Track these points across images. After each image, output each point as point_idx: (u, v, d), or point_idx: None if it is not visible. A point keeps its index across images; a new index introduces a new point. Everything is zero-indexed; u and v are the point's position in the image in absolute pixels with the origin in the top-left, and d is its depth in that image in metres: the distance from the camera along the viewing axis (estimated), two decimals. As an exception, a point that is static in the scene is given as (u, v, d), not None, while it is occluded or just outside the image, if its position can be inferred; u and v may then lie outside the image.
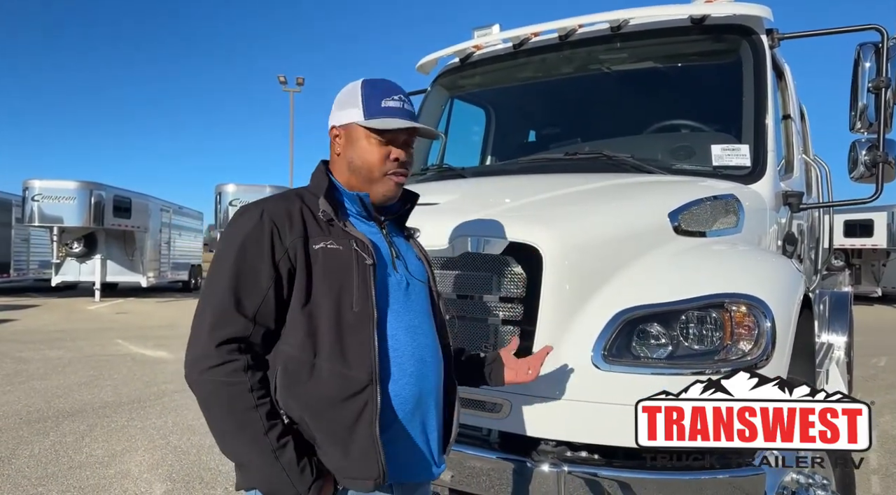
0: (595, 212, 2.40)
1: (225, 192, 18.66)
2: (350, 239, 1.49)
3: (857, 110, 3.11)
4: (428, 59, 4.20)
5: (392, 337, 1.50)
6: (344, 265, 1.46)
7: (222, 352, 1.36)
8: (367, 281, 1.45)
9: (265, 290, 1.42)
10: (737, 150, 3.00)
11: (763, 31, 3.24)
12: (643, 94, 3.71)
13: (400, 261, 1.60)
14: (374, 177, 1.57)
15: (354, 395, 1.40)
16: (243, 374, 1.36)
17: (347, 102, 1.58)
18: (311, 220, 1.49)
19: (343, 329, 1.43)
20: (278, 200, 1.54)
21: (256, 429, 1.35)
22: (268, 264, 1.42)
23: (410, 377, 1.51)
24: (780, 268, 2.40)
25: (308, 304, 1.43)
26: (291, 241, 1.44)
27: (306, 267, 1.44)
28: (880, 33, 3.00)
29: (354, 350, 1.42)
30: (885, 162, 3.00)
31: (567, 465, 2.02)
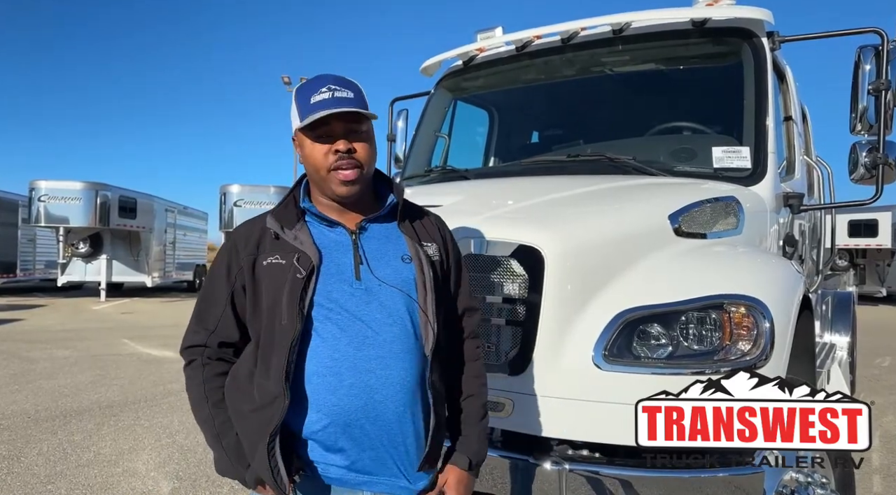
0: (596, 214, 2.44)
1: (230, 193, 18.77)
2: (296, 252, 1.52)
3: (858, 112, 3.13)
4: (431, 62, 4.23)
5: (332, 347, 1.47)
6: (281, 279, 1.50)
7: (186, 355, 1.63)
8: (295, 295, 1.46)
9: (223, 306, 1.59)
10: (737, 152, 3.03)
11: (764, 33, 3.26)
12: (645, 97, 3.74)
13: (364, 267, 1.53)
14: (322, 176, 1.55)
15: (266, 406, 1.47)
16: (199, 369, 1.59)
17: (292, 112, 1.58)
18: (268, 238, 1.58)
19: (272, 342, 1.49)
20: (253, 219, 1.67)
21: (205, 415, 1.58)
22: (223, 282, 1.59)
23: (351, 388, 1.46)
24: (779, 270, 2.43)
25: (255, 319, 1.55)
26: (244, 259, 1.56)
27: (253, 283, 1.55)
28: (880, 36, 3.02)
29: (275, 362, 1.47)
30: (886, 164, 3.02)
31: (569, 463, 2.05)
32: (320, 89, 1.52)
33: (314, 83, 1.55)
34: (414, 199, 1.84)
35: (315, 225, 1.60)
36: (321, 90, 1.52)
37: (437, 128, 4.25)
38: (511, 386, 2.15)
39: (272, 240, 1.56)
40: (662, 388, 1.85)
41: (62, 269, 19.88)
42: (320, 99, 1.51)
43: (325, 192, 1.59)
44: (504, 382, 2.15)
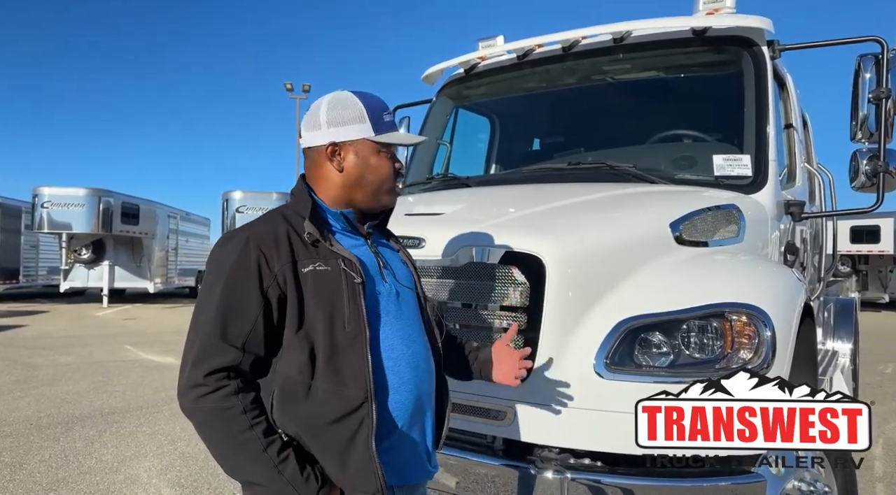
0: (597, 222, 2.45)
1: (232, 199, 18.84)
2: (338, 258, 1.50)
3: (858, 120, 3.14)
4: (433, 70, 4.25)
5: (389, 348, 1.53)
6: (333, 286, 1.47)
7: (211, 381, 1.38)
8: (356, 299, 1.47)
9: (254, 320, 1.43)
10: (738, 160, 3.04)
11: (764, 42, 3.28)
12: (645, 105, 3.76)
13: (388, 271, 1.62)
14: (384, 190, 1.61)
15: (351, 413, 1.44)
16: (235, 398, 1.38)
17: (348, 117, 1.56)
18: (297, 242, 1.50)
19: (337, 349, 1.45)
20: (263, 225, 1.54)
21: (255, 448, 1.38)
22: (256, 293, 1.43)
23: (409, 384, 1.55)
24: (780, 278, 2.43)
25: (302, 328, 1.45)
26: (280, 267, 1.45)
27: (297, 291, 1.45)
28: (880, 45, 3.03)
29: (349, 368, 1.45)
30: (886, 171, 3.03)
31: (570, 472, 2.06)
32: (388, 110, 1.62)
33: (379, 102, 1.61)
34: (415, 208, 1.87)
35: (338, 231, 1.59)
36: (389, 111, 1.62)
37: (438, 135, 4.27)
38: (512, 394, 2.15)
39: (304, 246, 1.50)
40: (664, 397, 1.86)
41: (65, 275, 19.93)
42: (392, 120, 1.62)
43: (366, 203, 1.61)
44: (505, 391, 2.15)
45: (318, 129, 1.57)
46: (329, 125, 1.56)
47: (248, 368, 1.44)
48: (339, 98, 1.59)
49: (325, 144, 1.56)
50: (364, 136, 1.56)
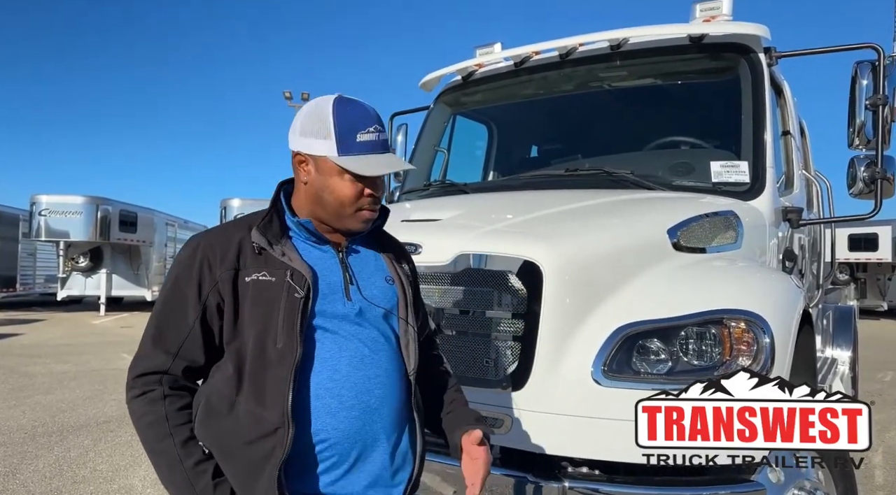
0: (595, 229, 2.43)
1: (230, 207, 18.78)
2: (287, 269, 1.40)
3: (855, 127, 3.14)
4: (431, 77, 4.26)
5: (332, 369, 1.41)
6: (272, 298, 1.38)
7: (139, 384, 1.39)
8: (293, 315, 1.37)
9: (190, 325, 1.39)
10: (736, 167, 3.03)
11: (761, 49, 3.28)
12: (643, 111, 3.76)
13: (354, 287, 1.49)
14: (345, 214, 1.47)
15: (264, 437, 1.34)
16: (160, 403, 1.37)
17: (315, 130, 1.44)
18: (249, 251, 1.42)
19: (265, 366, 1.37)
20: (219, 231, 1.49)
21: (172, 457, 1.36)
22: (195, 298, 1.39)
23: (352, 409, 1.41)
24: (779, 284, 2.42)
25: (235, 339, 1.40)
26: (221, 274, 1.39)
27: (234, 301, 1.40)
28: (877, 52, 3.04)
29: (272, 389, 1.35)
30: (884, 178, 3.03)
31: (568, 481, 2.03)
32: (367, 127, 1.44)
33: (357, 115, 1.45)
34: (412, 214, 1.83)
35: (301, 241, 1.50)
36: (368, 129, 1.44)
37: (436, 142, 4.27)
38: (509, 402, 2.13)
39: (254, 254, 1.42)
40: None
41: (62, 284, 19.84)
42: (369, 139, 1.44)
43: (330, 222, 1.49)
44: (502, 398, 2.14)
45: (294, 134, 1.49)
46: (300, 132, 1.47)
47: (180, 374, 1.40)
48: (318, 105, 1.47)
49: (295, 152, 1.49)
50: (326, 154, 1.43)
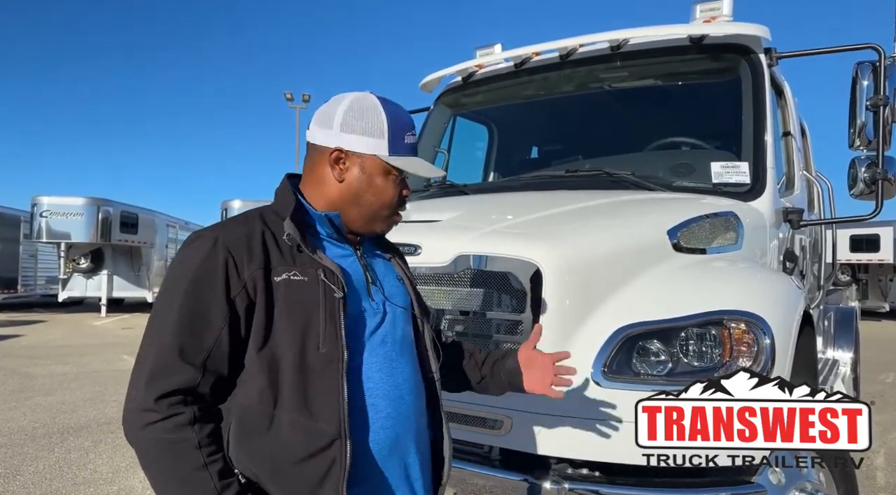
0: (594, 229, 2.43)
1: (231, 208, 18.74)
2: (318, 267, 1.31)
3: (856, 127, 3.13)
4: (431, 78, 4.25)
5: (366, 378, 1.34)
6: (309, 299, 1.28)
7: (164, 406, 1.18)
8: (335, 316, 1.28)
9: (217, 333, 1.23)
10: (736, 168, 3.02)
11: (761, 49, 3.27)
12: (643, 112, 3.75)
13: (376, 288, 1.43)
14: (381, 216, 1.44)
15: (320, 452, 1.24)
16: (189, 429, 1.18)
17: (364, 127, 1.38)
18: (273, 247, 1.31)
19: (307, 374, 1.25)
20: (236, 225, 1.35)
21: (207, 491, 1.18)
22: (221, 302, 1.24)
23: (387, 419, 1.35)
24: (779, 285, 2.41)
25: (267, 346, 1.26)
26: (251, 273, 1.26)
27: (266, 302, 1.26)
28: (877, 52, 3.03)
29: (321, 398, 1.25)
30: (885, 179, 3.02)
31: (568, 483, 2.03)
32: (411, 130, 1.44)
33: (405, 119, 1.43)
34: (412, 215, 1.82)
35: (323, 238, 1.41)
36: (412, 132, 1.44)
37: (436, 143, 4.26)
38: (509, 403, 2.12)
39: (280, 251, 1.31)
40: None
41: (63, 285, 19.85)
42: (413, 143, 1.43)
43: (357, 224, 1.43)
44: (502, 399, 2.11)
45: (329, 129, 1.40)
46: (342, 128, 1.39)
47: (208, 391, 1.24)
48: (362, 101, 1.41)
49: (330, 148, 1.39)
50: (376, 153, 1.38)
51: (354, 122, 1.38)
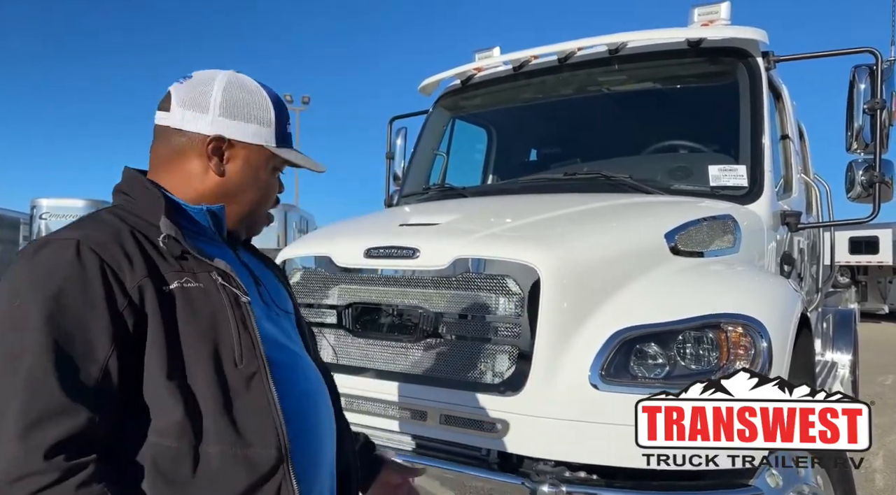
0: (592, 233, 2.44)
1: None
2: (210, 271, 1.11)
3: (854, 131, 3.14)
4: (430, 81, 4.26)
5: (288, 387, 1.14)
6: (213, 308, 1.08)
7: (55, 464, 0.90)
8: (247, 324, 1.10)
9: (105, 358, 0.98)
10: (734, 171, 3.03)
11: (759, 53, 3.28)
12: (641, 115, 3.76)
13: (263, 289, 1.26)
14: (260, 214, 1.30)
15: (264, 482, 1.06)
16: (97, 487, 0.92)
17: (254, 114, 1.21)
18: (151, 251, 1.07)
19: (229, 395, 1.06)
20: (96, 226, 1.09)
21: None
22: (104, 318, 0.98)
23: (314, 429, 1.21)
24: (776, 288, 2.42)
25: (174, 370, 1.02)
26: (136, 283, 1.02)
27: (163, 317, 1.03)
28: (874, 56, 3.04)
29: (252, 420, 1.06)
30: (882, 182, 3.03)
31: (566, 486, 2.02)
32: (289, 119, 1.30)
33: (281, 102, 1.29)
34: (410, 218, 1.82)
35: (199, 238, 1.17)
36: (289, 121, 1.30)
37: (435, 146, 4.27)
38: (507, 406, 2.12)
39: (160, 255, 1.08)
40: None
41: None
42: (291, 133, 1.31)
43: (236, 224, 1.26)
44: (499, 403, 2.13)
45: (205, 112, 1.18)
46: (223, 112, 1.18)
47: (104, 433, 0.97)
48: (242, 82, 1.23)
49: (207, 135, 1.18)
50: (264, 143, 1.22)
51: (238, 105, 1.20)
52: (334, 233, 2.91)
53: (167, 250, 1.08)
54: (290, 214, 18.36)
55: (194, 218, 1.19)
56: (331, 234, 2.88)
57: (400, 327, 2.36)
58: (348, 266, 2.50)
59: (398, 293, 2.40)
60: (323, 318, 2.57)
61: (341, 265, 2.51)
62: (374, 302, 2.45)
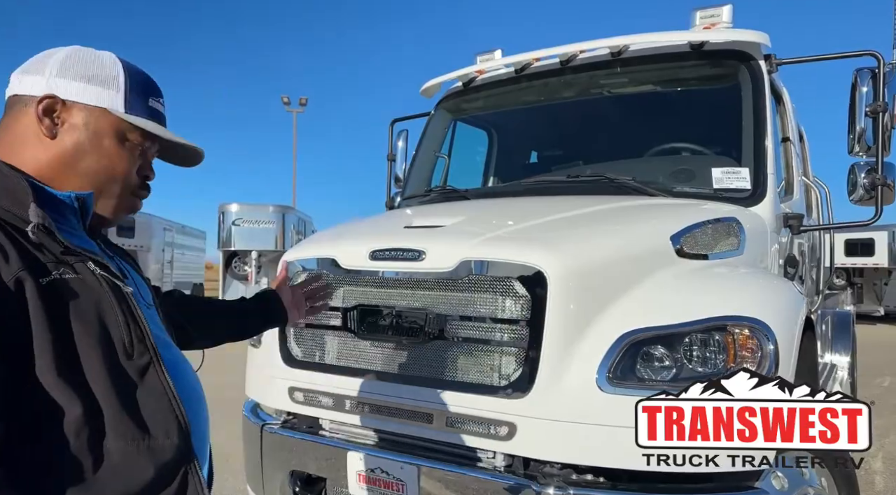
0: (598, 235, 2.44)
1: (228, 211, 18.63)
2: (85, 260, 1.05)
3: (856, 133, 3.15)
4: (431, 84, 4.27)
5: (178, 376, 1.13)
6: (96, 300, 1.03)
7: None
8: (134, 314, 1.07)
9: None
10: (737, 173, 3.04)
11: (761, 56, 3.29)
12: (644, 118, 3.77)
13: (130, 281, 1.17)
14: (113, 192, 1.16)
15: (169, 472, 1.05)
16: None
17: (95, 75, 1.13)
18: (20, 241, 0.99)
19: (126, 387, 1.02)
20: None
21: None
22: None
23: (202, 421, 1.20)
24: (781, 291, 2.42)
25: (62, 368, 0.96)
26: (12, 275, 0.94)
27: (46, 312, 0.96)
28: (876, 59, 3.05)
29: (150, 411, 1.04)
30: (884, 184, 3.04)
31: (572, 488, 2.02)
32: (159, 96, 1.23)
33: (149, 79, 1.22)
34: (414, 220, 1.82)
35: (64, 225, 1.07)
36: (160, 99, 1.23)
37: (436, 148, 4.27)
38: (514, 409, 2.12)
39: (32, 245, 1.00)
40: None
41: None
42: (160, 110, 1.22)
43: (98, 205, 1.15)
44: (507, 405, 2.13)
45: (40, 75, 1.11)
46: (59, 73, 1.11)
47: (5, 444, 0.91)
48: (90, 50, 1.17)
49: (38, 95, 1.09)
50: (108, 106, 1.12)
51: (79, 67, 1.13)
52: (338, 235, 2.90)
53: (38, 240, 1.00)
54: (288, 216, 18.32)
55: (59, 205, 1.08)
56: (335, 236, 2.86)
57: (405, 329, 2.36)
58: (353, 268, 2.49)
59: (404, 295, 2.40)
60: (328, 320, 2.57)
61: (346, 267, 2.51)
62: (379, 304, 2.44)
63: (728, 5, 3.50)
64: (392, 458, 2.32)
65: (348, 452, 2.42)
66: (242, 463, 2.98)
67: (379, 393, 2.41)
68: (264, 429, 2.74)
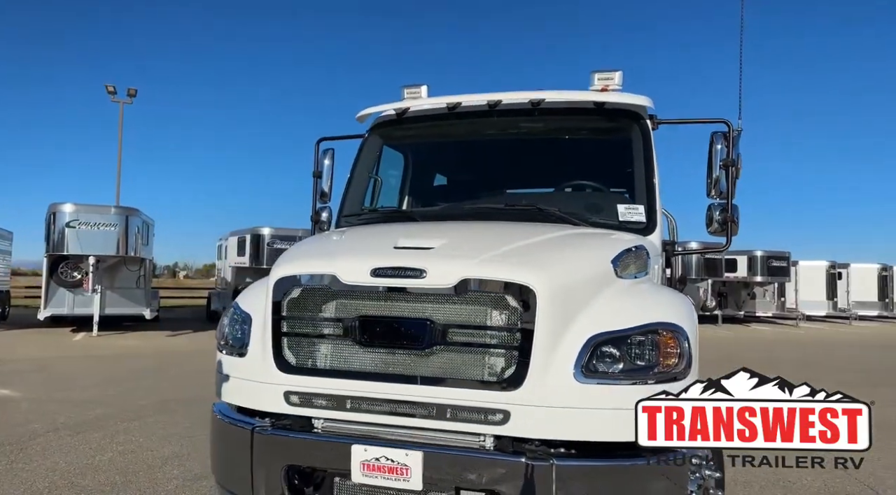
0: (566, 258, 3.06)
1: (61, 212, 16.53)
2: None
3: (712, 180, 4.13)
4: (366, 112, 4.65)
5: None
6: None
7: None
8: None
9: None
10: (636, 209, 3.86)
11: (647, 115, 4.18)
12: (555, 158, 4.53)
13: None
14: None
15: None
16: None
17: None
18: None
19: None
20: None
21: None
22: None
23: None
24: (684, 301, 3.22)
25: None
26: None
27: None
28: (727, 125, 4.06)
29: None
30: (732, 221, 4.04)
31: (555, 460, 2.58)
32: None
33: None
34: (399, 239, 2.26)
35: None
36: None
37: (370, 170, 4.66)
38: (508, 399, 2.63)
39: None
40: (621, 395, 2.54)
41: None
42: None
43: None
44: (503, 396, 2.64)
45: None
46: None
47: None
48: None
49: None
50: None
51: None
52: (329, 253, 3.23)
53: None
54: (132, 219, 16.87)
55: None
56: (326, 254, 3.19)
57: (409, 337, 2.78)
58: (357, 284, 2.85)
59: (405, 308, 2.81)
60: (330, 330, 2.90)
61: (349, 283, 2.85)
62: (382, 314, 2.83)
63: (619, 71, 4.38)
64: (397, 446, 2.70)
65: (352, 445, 2.75)
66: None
67: (383, 392, 2.78)
68: (255, 432, 2.96)
